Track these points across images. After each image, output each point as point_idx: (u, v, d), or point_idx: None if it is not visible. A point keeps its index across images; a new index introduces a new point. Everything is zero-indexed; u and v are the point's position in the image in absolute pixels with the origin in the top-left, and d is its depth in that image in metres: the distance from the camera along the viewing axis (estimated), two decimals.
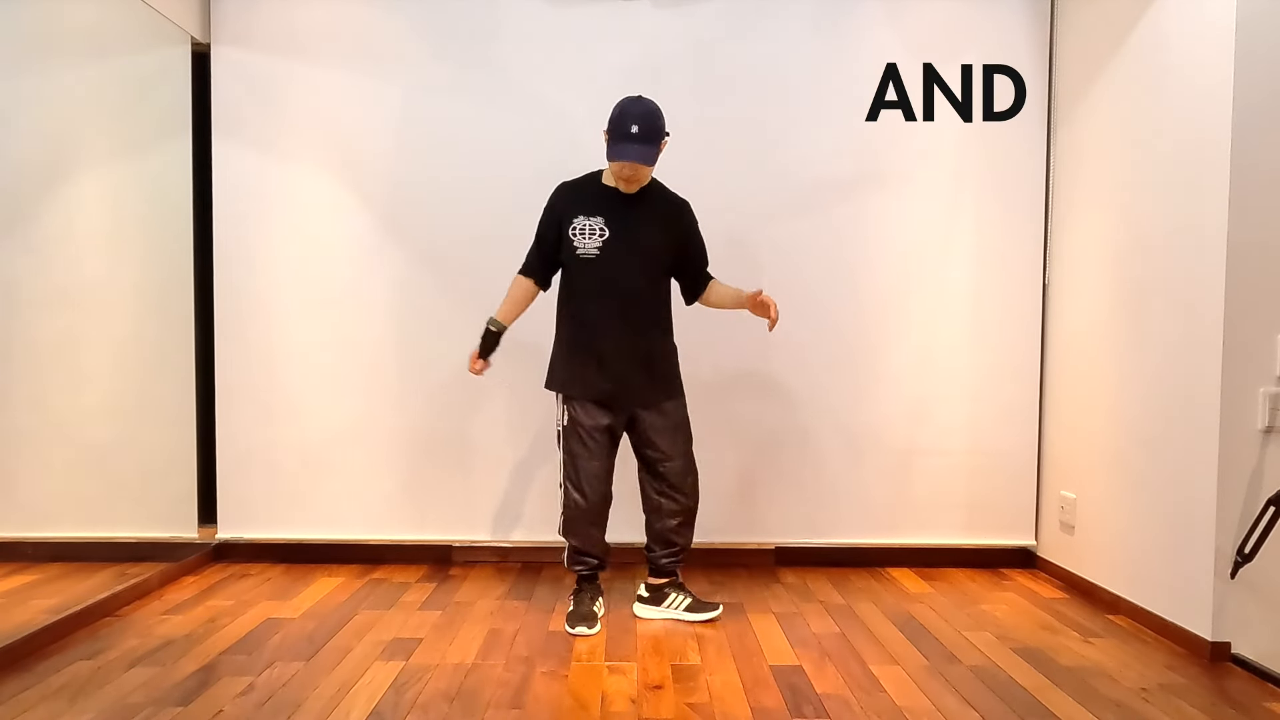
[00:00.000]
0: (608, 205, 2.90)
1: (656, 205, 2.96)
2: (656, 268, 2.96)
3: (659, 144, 2.82)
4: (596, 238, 2.87)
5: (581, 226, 2.89)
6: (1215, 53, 2.65)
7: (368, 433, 3.68)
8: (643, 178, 2.88)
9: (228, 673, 2.49)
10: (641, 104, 2.82)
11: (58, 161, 3.13)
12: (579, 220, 2.89)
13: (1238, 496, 2.62)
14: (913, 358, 3.68)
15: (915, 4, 3.63)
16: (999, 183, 3.65)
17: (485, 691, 2.39)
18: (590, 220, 2.89)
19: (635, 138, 2.76)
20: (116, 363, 3.41)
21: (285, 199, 3.65)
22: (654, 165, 2.84)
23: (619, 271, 2.88)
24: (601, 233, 2.87)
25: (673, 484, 3.00)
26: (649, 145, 2.79)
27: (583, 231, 2.88)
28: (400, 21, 3.62)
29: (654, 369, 2.97)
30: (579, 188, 2.97)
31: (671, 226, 2.97)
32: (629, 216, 2.90)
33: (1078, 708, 2.31)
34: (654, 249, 2.93)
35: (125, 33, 3.34)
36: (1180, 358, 2.80)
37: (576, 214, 2.90)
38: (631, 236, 2.88)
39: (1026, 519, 3.70)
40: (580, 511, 2.95)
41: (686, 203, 3.03)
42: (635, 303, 2.91)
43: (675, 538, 3.04)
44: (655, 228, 2.93)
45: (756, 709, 2.29)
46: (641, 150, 2.77)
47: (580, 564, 3.02)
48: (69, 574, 3.12)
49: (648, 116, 2.79)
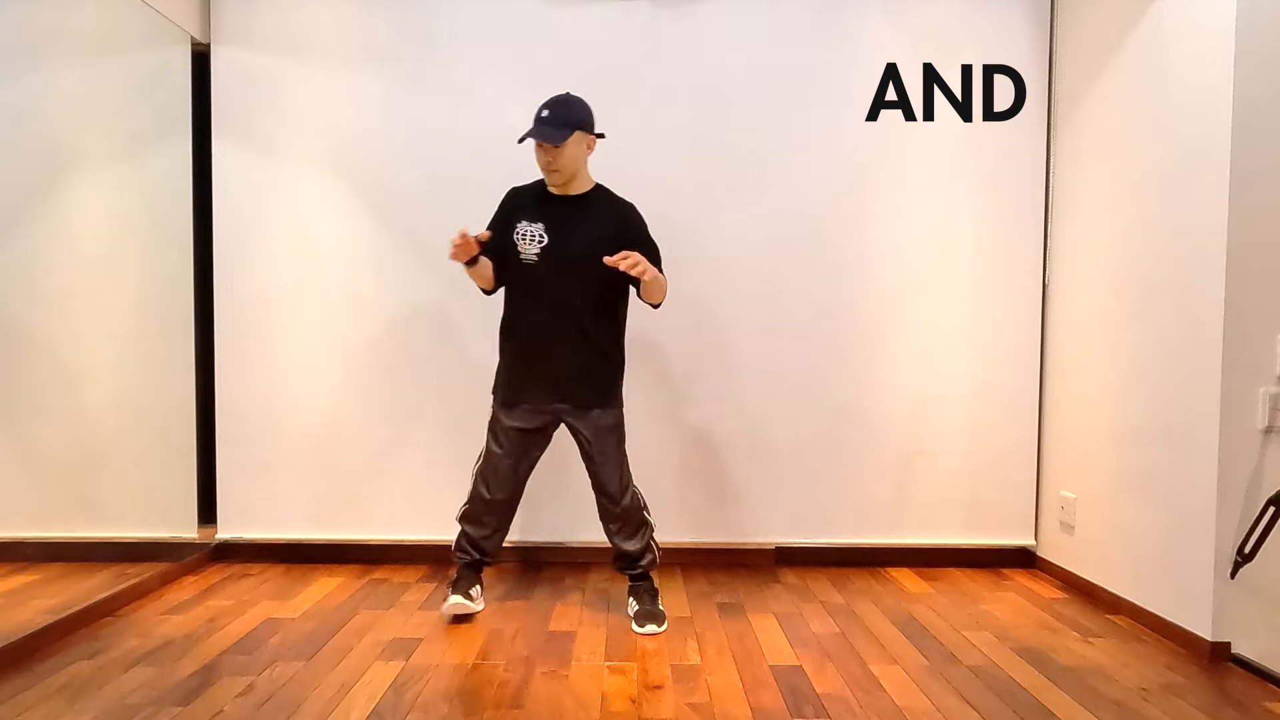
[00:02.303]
0: (550, 211, 2.91)
1: (600, 211, 2.94)
2: (596, 275, 2.84)
3: (570, 129, 2.81)
4: (536, 243, 2.89)
5: (523, 231, 2.91)
6: (1215, 53, 2.65)
7: (368, 432, 3.68)
8: (561, 167, 2.85)
9: (228, 673, 2.49)
10: (561, 95, 2.88)
11: (58, 161, 3.13)
12: (522, 224, 2.92)
13: (1238, 496, 2.62)
14: (913, 358, 3.68)
15: (915, 4, 3.63)
16: (999, 183, 3.65)
17: (485, 691, 2.39)
18: (532, 226, 2.91)
19: (542, 120, 2.81)
20: (116, 363, 3.40)
21: (285, 199, 3.65)
22: (560, 144, 2.80)
23: (555, 279, 2.88)
24: (541, 239, 2.89)
25: (602, 489, 2.99)
26: (555, 127, 2.80)
27: (524, 236, 2.91)
28: (400, 22, 3.62)
29: (584, 378, 2.93)
30: (526, 192, 2.99)
31: (615, 230, 2.90)
32: (570, 223, 2.90)
33: (1078, 708, 2.31)
34: (595, 256, 2.83)
35: (125, 33, 3.34)
36: (1180, 358, 2.80)
37: (520, 218, 2.94)
38: (570, 244, 2.88)
39: (1026, 519, 3.70)
40: (481, 505, 3.00)
41: (632, 205, 2.99)
42: (570, 311, 2.89)
43: (620, 544, 3.03)
44: (596, 232, 2.88)
45: (756, 709, 2.29)
46: (546, 130, 2.79)
47: (464, 552, 3.06)
48: (69, 574, 3.11)
49: (561, 103, 2.84)
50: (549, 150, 2.84)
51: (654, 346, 3.64)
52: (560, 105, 2.84)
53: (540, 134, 2.81)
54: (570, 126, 2.82)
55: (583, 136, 2.87)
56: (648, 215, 3.04)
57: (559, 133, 2.81)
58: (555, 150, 2.83)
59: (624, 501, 2.98)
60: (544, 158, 2.86)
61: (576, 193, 2.94)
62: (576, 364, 2.92)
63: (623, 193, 3.04)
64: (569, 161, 2.86)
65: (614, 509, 2.99)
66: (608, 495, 2.98)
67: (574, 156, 2.87)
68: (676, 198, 3.61)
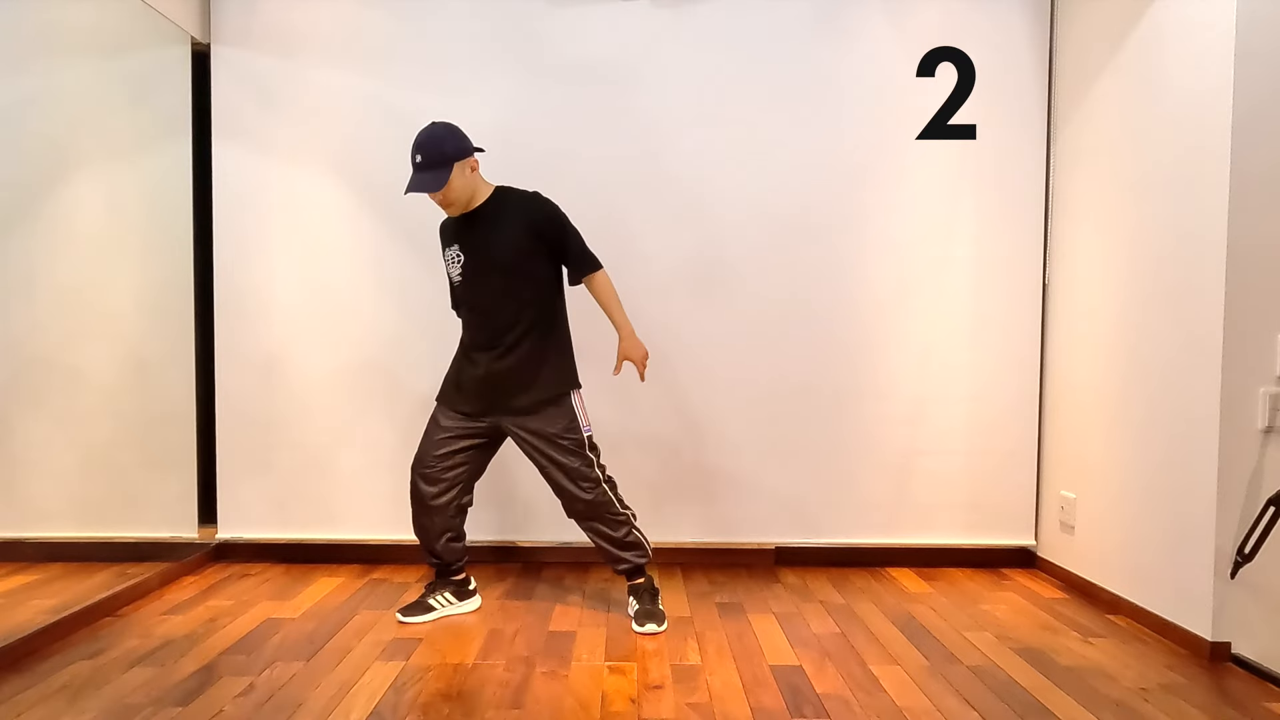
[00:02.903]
0: (461, 231, 2.96)
1: (503, 214, 2.94)
2: (516, 276, 2.90)
3: (447, 167, 2.80)
4: (458, 264, 2.96)
5: (449, 256, 3.01)
6: (1215, 53, 2.65)
7: (367, 433, 3.68)
8: (453, 200, 2.87)
9: (228, 673, 2.49)
10: (428, 131, 2.84)
11: (58, 161, 3.13)
12: (447, 251, 3.02)
13: (1238, 496, 2.62)
14: (913, 358, 3.68)
15: (914, 4, 3.63)
16: (999, 184, 3.65)
17: (485, 691, 2.39)
18: (450, 248, 2.99)
19: (419, 166, 2.82)
20: (116, 363, 3.40)
21: (285, 199, 3.65)
22: (441, 189, 2.82)
23: (478, 291, 2.95)
24: (459, 258, 2.95)
25: (559, 489, 2.98)
26: (431, 171, 2.80)
27: (450, 260, 3.00)
28: (400, 21, 3.62)
29: (523, 382, 2.94)
30: (447, 220, 3.03)
31: (519, 226, 2.91)
32: (477, 236, 2.93)
33: (1078, 708, 2.31)
34: (506, 260, 2.89)
35: (125, 33, 3.34)
36: (1180, 358, 2.80)
37: (445, 245, 3.02)
38: (482, 255, 2.92)
39: (1026, 519, 3.70)
40: (413, 502, 3.04)
41: (534, 195, 2.98)
42: (498, 318, 2.92)
43: (599, 543, 3.03)
44: (502, 237, 2.90)
45: (756, 709, 2.29)
46: (423, 179, 2.81)
47: (426, 557, 3.10)
48: (69, 574, 3.12)
49: (429, 143, 2.81)
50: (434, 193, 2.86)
51: (653, 346, 3.62)
52: (430, 145, 2.80)
53: (419, 185, 2.82)
54: (445, 164, 2.81)
55: (462, 165, 2.85)
56: (645, 215, 3.04)
57: (435, 177, 2.81)
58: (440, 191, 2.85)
59: (586, 499, 2.95)
60: (434, 198, 2.88)
61: (476, 207, 2.94)
62: (506, 372, 2.93)
63: (623, 192, 3.04)
64: (458, 193, 2.87)
65: (576, 507, 2.98)
66: (567, 496, 2.98)
67: (461, 187, 2.86)
68: (674, 197, 3.61)
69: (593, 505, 2.96)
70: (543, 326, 2.96)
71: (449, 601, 3.06)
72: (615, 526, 3.01)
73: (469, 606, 3.09)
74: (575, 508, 2.98)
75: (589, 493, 2.95)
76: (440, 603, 3.04)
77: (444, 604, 3.05)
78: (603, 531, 3.01)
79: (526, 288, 2.93)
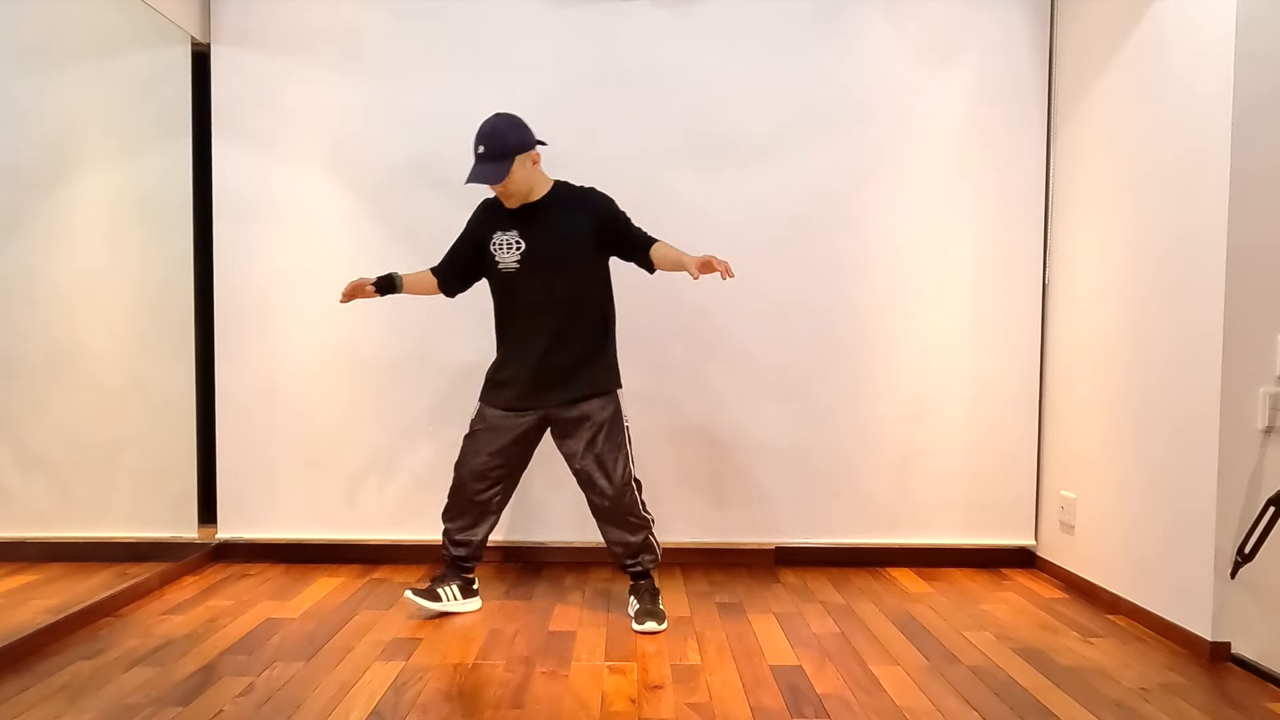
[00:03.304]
0: (522, 217, 2.94)
1: (565, 207, 2.96)
2: (579, 270, 2.96)
3: (509, 159, 2.82)
4: (515, 251, 2.92)
5: (500, 241, 2.95)
6: (1215, 53, 2.65)
7: (368, 433, 3.68)
8: (514, 192, 2.89)
9: (228, 673, 2.49)
10: (490, 122, 2.87)
11: (58, 161, 3.13)
12: (498, 235, 2.96)
13: (1238, 496, 2.62)
14: (913, 358, 3.68)
15: (915, 4, 3.63)
16: (999, 183, 3.65)
17: (485, 691, 2.39)
18: (506, 234, 2.94)
19: (482, 158, 2.83)
20: (116, 363, 3.41)
21: (285, 199, 3.65)
22: (503, 180, 2.84)
23: (539, 282, 2.92)
24: (518, 245, 2.92)
25: (589, 483, 2.98)
26: (494, 163, 2.82)
27: (501, 246, 2.94)
28: (400, 22, 3.62)
29: (572, 376, 2.96)
30: (497, 203, 3.01)
31: (583, 219, 2.96)
32: (542, 223, 2.93)
33: (1078, 708, 2.31)
34: (572, 252, 2.93)
35: (125, 33, 3.34)
36: (1180, 358, 2.80)
37: (495, 229, 2.97)
38: (547, 247, 2.92)
39: (1026, 519, 3.70)
40: (458, 497, 3.04)
41: (592, 190, 3.02)
42: (558, 311, 2.93)
43: (614, 545, 3.04)
44: (567, 230, 2.93)
45: (756, 709, 2.29)
46: (484, 170, 2.82)
47: (448, 549, 3.10)
48: (69, 574, 3.12)
49: (492, 134, 2.83)
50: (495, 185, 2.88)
51: (653, 346, 3.63)
52: (493, 136, 2.83)
53: (480, 176, 2.83)
54: (508, 156, 2.83)
55: (524, 158, 2.86)
56: (646, 215, 3.04)
57: (498, 168, 2.83)
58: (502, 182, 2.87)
59: (615, 496, 2.96)
60: (495, 189, 2.90)
61: (539, 198, 2.96)
62: (563, 361, 2.95)
63: (623, 193, 3.04)
64: (518, 185, 2.89)
65: (604, 504, 2.98)
66: (596, 491, 2.98)
67: (522, 179, 2.88)
68: (675, 197, 3.61)
69: (619, 504, 2.97)
70: (599, 322, 3.01)
71: (455, 597, 3.05)
72: (634, 530, 3.02)
73: (471, 606, 3.09)
74: (602, 504, 2.98)
75: (619, 490, 2.96)
76: (447, 595, 3.04)
77: (450, 598, 3.04)
78: (621, 535, 3.01)
79: (587, 282, 2.98)
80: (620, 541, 3.02)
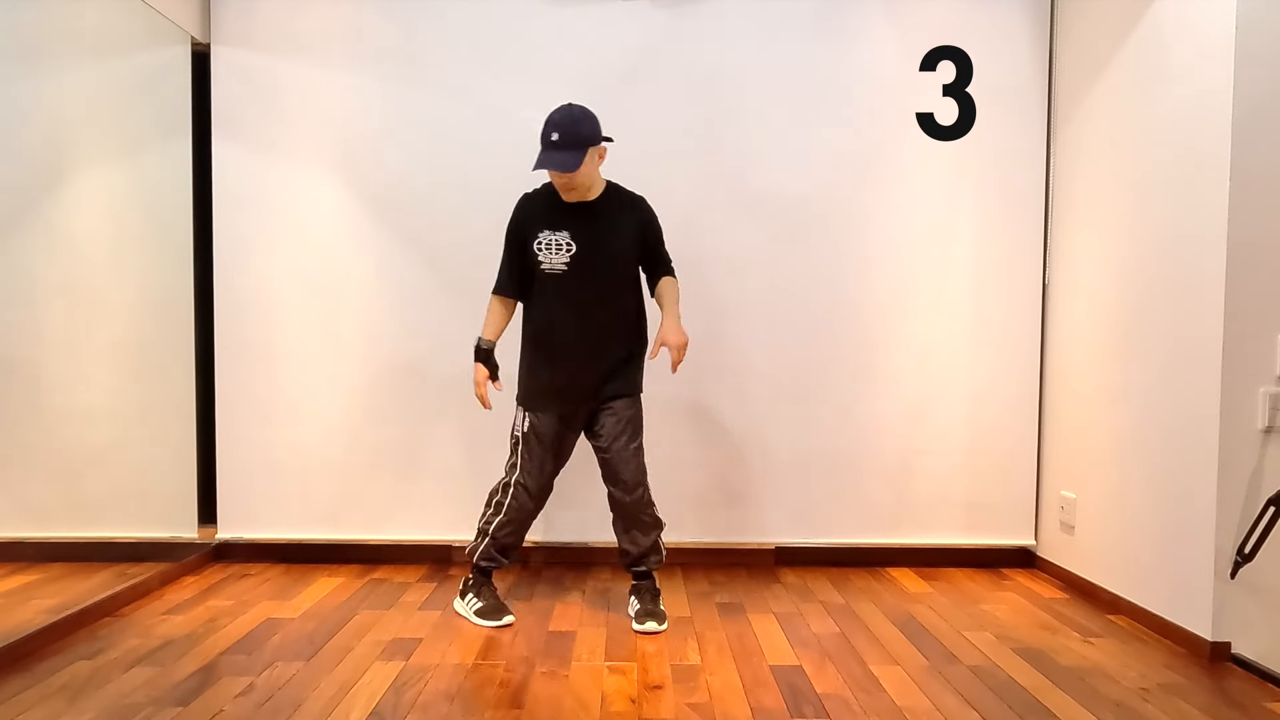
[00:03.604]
0: (572, 217, 2.89)
1: (617, 209, 2.95)
2: (624, 275, 2.97)
3: (583, 150, 2.77)
4: (564, 253, 2.87)
5: (547, 241, 2.88)
6: (1215, 53, 2.65)
7: (368, 433, 3.68)
8: (578, 185, 2.85)
9: (228, 673, 2.49)
10: (565, 111, 2.82)
11: (58, 161, 3.13)
12: (544, 235, 2.88)
13: (1238, 496, 2.62)
14: (912, 358, 3.69)
15: (914, 4, 3.63)
16: (999, 183, 3.65)
17: (485, 691, 2.39)
18: (555, 234, 2.87)
19: (555, 145, 2.75)
20: (116, 363, 3.40)
21: (285, 199, 3.65)
22: (575, 170, 2.78)
23: (588, 284, 2.89)
24: (569, 247, 2.87)
25: (615, 479, 2.96)
26: (568, 152, 2.75)
27: (549, 246, 2.87)
28: (400, 22, 3.62)
29: (613, 376, 2.96)
30: (540, 199, 2.96)
31: (633, 227, 2.96)
32: (594, 226, 2.89)
33: (1078, 708, 2.31)
34: (622, 257, 2.93)
35: (125, 33, 3.34)
36: (1180, 358, 2.80)
37: (541, 228, 2.89)
38: (600, 247, 2.88)
39: (1026, 519, 3.71)
40: (519, 515, 2.99)
41: (643, 200, 3.01)
42: (605, 311, 2.92)
43: (620, 536, 3.03)
44: (620, 232, 2.92)
45: (756, 709, 2.29)
46: (559, 158, 2.75)
47: (493, 560, 3.04)
48: (69, 574, 3.11)
49: (568, 123, 2.77)
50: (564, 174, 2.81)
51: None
52: (567, 125, 2.76)
53: (553, 163, 2.76)
54: (581, 147, 2.77)
55: (594, 151, 2.82)
56: None
57: (573, 157, 2.76)
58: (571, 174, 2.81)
59: (636, 494, 2.96)
60: (560, 179, 2.83)
61: (594, 197, 2.92)
62: (607, 364, 2.94)
63: None
64: (584, 178, 2.85)
65: (626, 500, 2.96)
66: (621, 485, 2.95)
67: (588, 173, 2.84)
68: (675, 197, 3.60)
69: (638, 502, 2.97)
70: (638, 323, 3.01)
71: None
72: (648, 530, 3.01)
73: None
74: (623, 501, 2.96)
75: (639, 486, 2.96)
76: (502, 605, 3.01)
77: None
78: (636, 535, 3.00)
79: (631, 287, 2.98)
80: (634, 542, 3.01)
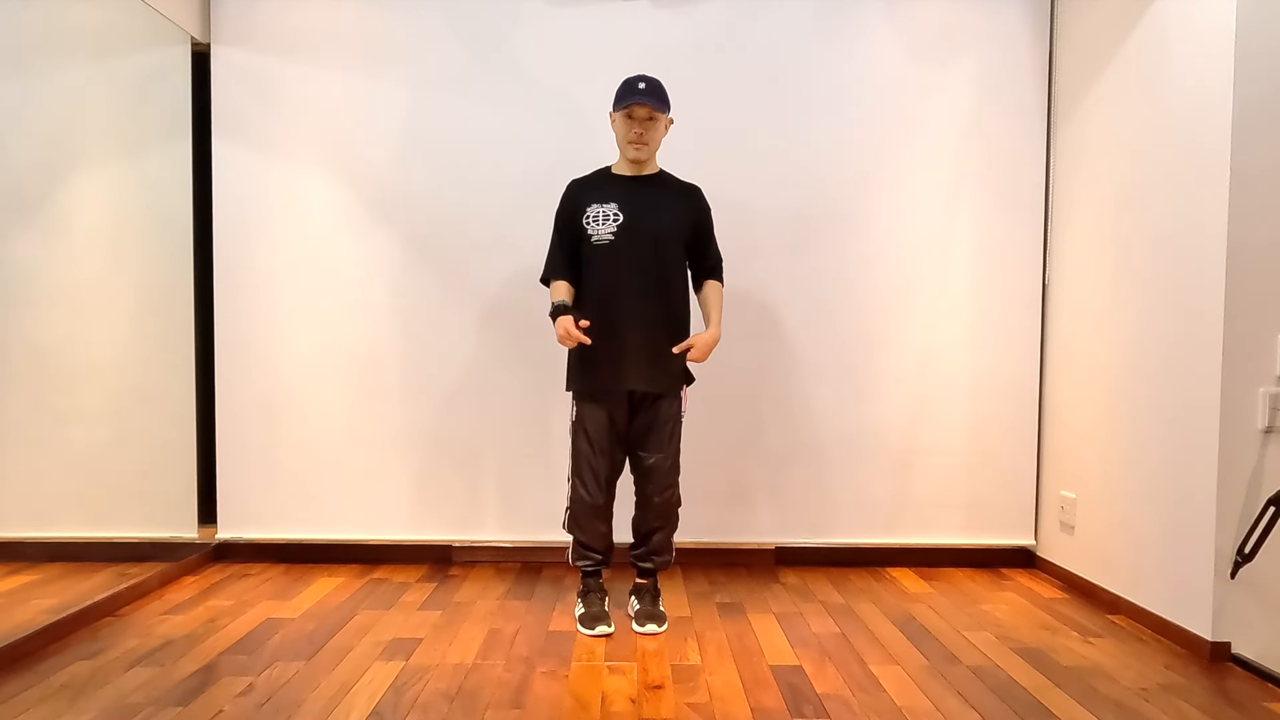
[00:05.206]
0: (620, 190, 2.90)
1: (669, 188, 2.97)
2: (674, 251, 2.93)
3: (666, 105, 2.85)
4: (611, 223, 2.86)
5: (595, 213, 2.88)
6: (1215, 53, 2.65)
7: (368, 433, 3.68)
8: (651, 140, 2.87)
9: (228, 673, 2.49)
10: (644, 77, 2.89)
11: (57, 161, 3.13)
12: (593, 207, 2.89)
13: (1238, 496, 2.62)
14: (913, 358, 3.68)
15: (915, 4, 3.63)
16: (999, 182, 3.65)
17: (485, 691, 2.39)
18: (604, 206, 2.88)
19: (642, 91, 2.81)
20: (116, 363, 3.41)
21: (285, 199, 3.65)
22: (666, 111, 2.85)
23: (635, 256, 2.85)
24: (615, 217, 2.86)
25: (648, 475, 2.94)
26: (657, 98, 2.83)
27: (597, 218, 2.87)
28: (401, 21, 3.62)
29: (660, 359, 2.89)
30: (590, 179, 2.99)
31: (685, 207, 2.96)
32: (643, 199, 2.89)
33: (1078, 708, 2.31)
34: (671, 231, 2.91)
35: (125, 33, 3.34)
36: (1180, 358, 2.80)
37: (590, 202, 2.90)
38: (647, 219, 2.87)
39: (1026, 519, 3.70)
40: (584, 506, 2.94)
41: (698, 187, 3.03)
42: (653, 288, 2.88)
43: (641, 529, 3.02)
44: (670, 210, 2.92)
45: (756, 709, 2.29)
46: (650, 99, 2.81)
47: (584, 559, 3.02)
48: (69, 574, 3.12)
49: (653, 81, 2.86)
50: (642, 122, 2.84)
51: None
52: (652, 81, 2.85)
53: (648, 99, 2.81)
54: (665, 101, 2.85)
55: (668, 118, 2.91)
56: None
57: (662, 103, 2.84)
58: (650, 123, 2.85)
59: (667, 494, 2.95)
60: (635, 129, 2.85)
61: (647, 173, 2.95)
62: (655, 342, 2.88)
63: None
64: (656, 137, 2.89)
65: (655, 498, 2.95)
66: (653, 481, 2.93)
67: (659, 137, 2.90)
68: None
69: (669, 502, 2.97)
70: (684, 316, 2.97)
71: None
72: (669, 528, 3.01)
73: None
74: (654, 500, 2.94)
75: (673, 484, 2.96)
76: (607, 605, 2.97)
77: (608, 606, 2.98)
78: (657, 538, 2.99)
79: (676, 268, 2.95)
80: (649, 544, 3.00)
